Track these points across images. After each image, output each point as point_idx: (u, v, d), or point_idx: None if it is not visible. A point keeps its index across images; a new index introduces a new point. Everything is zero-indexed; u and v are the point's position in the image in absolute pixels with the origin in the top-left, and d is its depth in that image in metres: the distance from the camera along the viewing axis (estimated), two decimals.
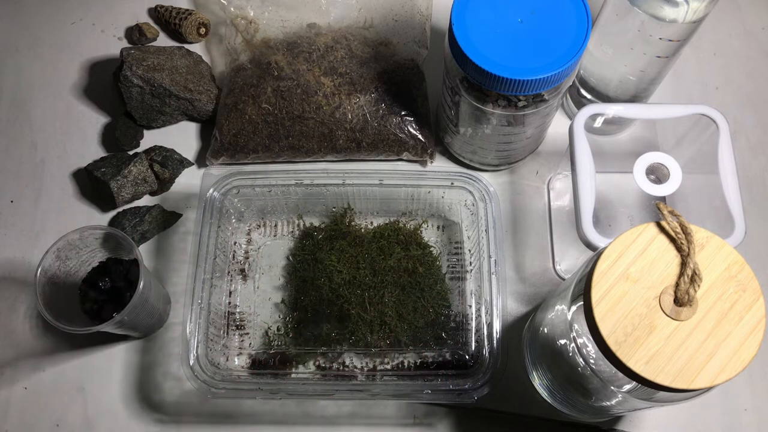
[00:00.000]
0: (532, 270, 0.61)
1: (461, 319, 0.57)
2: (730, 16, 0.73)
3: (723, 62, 0.71)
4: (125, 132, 0.65)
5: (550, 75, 0.48)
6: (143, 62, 0.64)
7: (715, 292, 0.36)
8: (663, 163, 0.50)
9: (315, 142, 0.62)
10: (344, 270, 0.56)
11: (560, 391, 0.52)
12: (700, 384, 0.35)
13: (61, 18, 0.74)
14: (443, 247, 0.60)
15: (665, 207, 0.39)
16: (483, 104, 0.53)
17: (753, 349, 0.35)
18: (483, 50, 0.49)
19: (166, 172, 0.63)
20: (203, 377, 0.51)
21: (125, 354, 0.58)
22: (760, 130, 0.67)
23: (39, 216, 0.63)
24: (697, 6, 0.49)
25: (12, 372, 0.57)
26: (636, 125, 0.63)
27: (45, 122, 0.68)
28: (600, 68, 0.59)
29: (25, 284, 0.61)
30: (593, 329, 0.37)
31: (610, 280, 0.37)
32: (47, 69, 0.71)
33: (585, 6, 0.51)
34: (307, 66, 0.63)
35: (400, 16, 0.65)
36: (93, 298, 0.54)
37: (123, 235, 0.52)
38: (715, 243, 0.37)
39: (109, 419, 0.56)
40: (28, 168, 0.66)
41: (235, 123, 0.62)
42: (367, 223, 0.61)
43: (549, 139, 0.65)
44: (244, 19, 0.65)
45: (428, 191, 0.59)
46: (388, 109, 0.62)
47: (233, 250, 0.60)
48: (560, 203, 0.62)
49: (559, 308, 0.45)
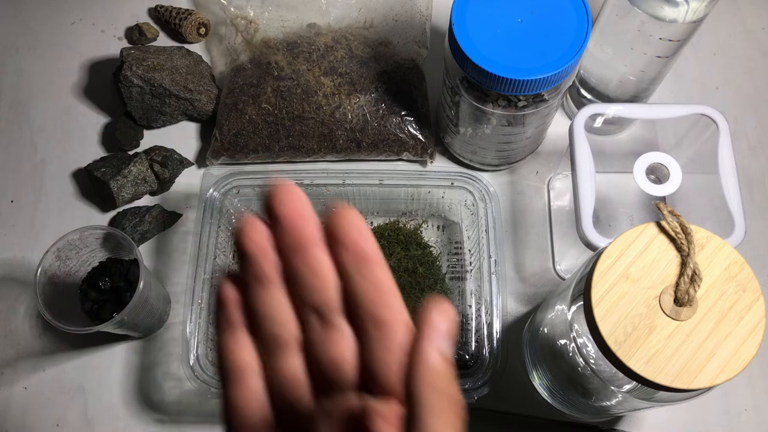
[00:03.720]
0: (532, 270, 0.61)
1: (461, 319, 0.57)
2: (730, 16, 0.73)
3: (723, 62, 0.71)
4: (125, 132, 0.65)
5: (550, 75, 0.48)
6: (143, 62, 0.64)
7: (715, 292, 0.36)
8: (663, 163, 0.50)
9: (315, 142, 0.62)
10: None
11: (560, 391, 0.52)
12: (700, 384, 0.35)
13: (61, 18, 0.74)
14: (443, 247, 0.60)
15: (665, 207, 0.39)
16: (483, 104, 0.53)
17: (753, 349, 0.35)
18: (483, 50, 0.49)
19: (166, 172, 0.63)
20: (203, 377, 0.51)
21: (125, 354, 0.58)
22: (760, 130, 0.67)
23: (39, 216, 0.63)
24: (697, 6, 0.49)
25: (12, 372, 0.57)
26: (636, 125, 0.63)
27: (45, 122, 0.68)
28: (600, 68, 0.59)
29: (25, 284, 0.61)
30: (593, 329, 0.37)
31: (610, 280, 0.37)
32: (47, 69, 0.71)
33: (585, 6, 0.51)
34: (307, 66, 0.63)
35: (400, 16, 0.65)
36: (93, 298, 0.54)
37: (123, 235, 0.52)
38: (715, 243, 0.38)
39: (109, 419, 0.56)
40: (28, 168, 0.66)
41: (235, 123, 0.62)
42: (367, 223, 0.61)
43: (549, 139, 0.65)
44: (244, 19, 0.65)
45: (428, 191, 0.59)
46: (388, 109, 0.62)
47: (233, 250, 0.60)
48: (560, 203, 0.62)
49: (559, 308, 0.45)
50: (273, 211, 0.24)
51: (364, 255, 0.23)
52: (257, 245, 0.24)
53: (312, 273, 0.23)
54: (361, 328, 0.24)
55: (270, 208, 0.24)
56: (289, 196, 0.23)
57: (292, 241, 0.23)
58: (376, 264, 0.24)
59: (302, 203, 0.24)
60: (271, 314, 0.24)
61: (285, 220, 0.23)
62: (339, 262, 0.24)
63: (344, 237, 0.23)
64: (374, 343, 0.23)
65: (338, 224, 0.23)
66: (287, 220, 0.23)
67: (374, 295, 0.23)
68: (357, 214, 0.24)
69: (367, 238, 0.24)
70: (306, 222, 0.23)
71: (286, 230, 0.23)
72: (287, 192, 0.23)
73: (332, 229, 0.24)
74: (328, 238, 0.24)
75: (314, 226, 0.24)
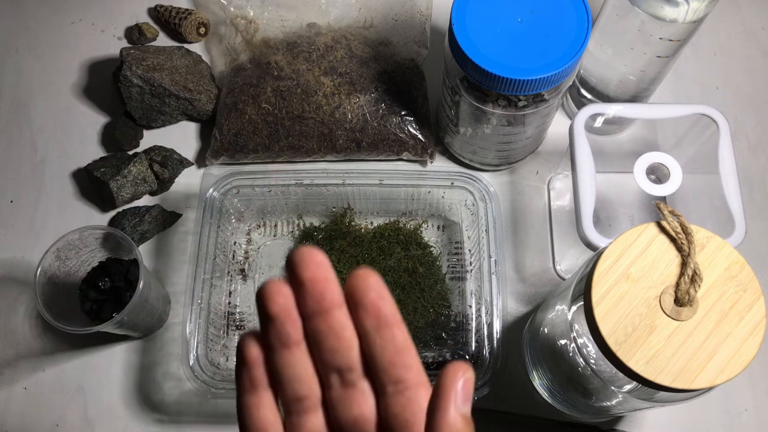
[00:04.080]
0: (532, 270, 0.61)
1: (461, 319, 0.57)
2: (730, 16, 0.73)
3: (723, 62, 0.71)
4: (125, 132, 0.65)
5: (550, 75, 0.48)
6: (143, 62, 0.63)
7: (716, 292, 0.36)
8: (663, 163, 0.50)
9: (315, 142, 0.62)
10: (344, 270, 0.56)
11: (560, 391, 0.52)
12: (701, 384, 0.35)
13: (61, 18, 0.74)
14: (443, 247, 0.60)
15: (665, 207, 0.39)
16: (483, 104, 0.53)
17: (753, 349, 0.35)
18: (483, 50, 0.49)
19: (165, 172, 0.63)
20: (203, 377, 0.51)
21: (125, 354, 0.58)
22: (760, 130, 0.67)
23: (39, 216, 0.63)
24: (697, 6, 0.49)
25: (12, 372, 0.57)
26: (636, 125, 0.63)
27: (45, 122, 0.68)
28: (600, 68, 0.59)
29: (25, 284, 0.61)
30: (593, 329, 0.37)
31: (611, 280, 0.37)
32: (47, 69, 0.71)
33: (585, 6, 0.50)
34: (307, 66, 0.63)
35: (400, 16, 0.65)
36: (93, 298, 0.54)
37: (123, 235, 0.52)
38: (716, 243, 0.37)
39: (109, 419, 0.56)
40: (28, 168, 0.66)
41: (235, 123, 0.62)
42: (367, 223, 0.61)
43: (549, 139, 0.65)
44: (244, 19, 0.65)
45: (428, 191, 0.59)
46: (388, 109, 0.62)
47: (233, 250, 0.60)
48: (560, 203, 0.62)
49: (559, 308, 0.45)
50: (296, 274, 0.24)
51: (384, 317, 0.25)
52: (282, 308, 0.24)
53: (335, 336, 0.24)
54: (381, 388, 0.25)
55: (293, 272, 0.24)
56: (312, 261, 0.24)
57: (316, 304, 0.24)
58: (395, 326, 0.25)
59: (325, 267, 0.24)
60: (295, 375, 0.25)
61: (308, 284, 0.24)
62: (359, 324, 0.25)
63: (364, 299, 0.24)
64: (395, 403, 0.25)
65: (358, 287, 0.25)
66: (310, 283, 0.24)
67: (394, 357, 0.24)
68: (376, 276, 0.25)
69: (386, 300, 0.25)
70: (328, 286, 0.24)
71: (309, 294, 0.24)
72: (310, 256, 0.24)
73: (352, 292, 0.25)
74: (348, 299, 0.25)
75: (336, 289, 0.25)
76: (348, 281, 0.25)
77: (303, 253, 0.24)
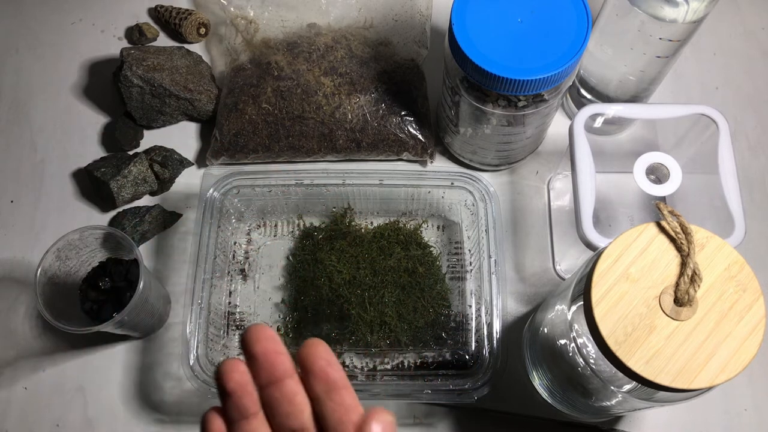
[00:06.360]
0: (532, 270, 0.61)
1: (461, 319, 0.57)
2: (730, 16, 0.73)
3: (723, 62, 0.71)
4: (125, 132, 0.65)
5: (550, 75, 0.48)
6: (143, 62, 0.64)
7: (715, 292, 0.36)
8: (663, 163, 0.50)
9: (315, 142, 0.62)
10: (344, 270, 0.56)
11: (560, 391, 0.52)
12: (700, 384, 0.35)
13: (61, 18, 0.74)
14: (443, 247, 0.60)
15: (665, 207, 0.39)
16: (483, 104, 0.53)
17: (753, 349, 0.35)
18: (483, 50, 0.49)
19: (166, 172, 0.63)
20: (203, 377, 0.51)
21: (125, 354, 0.58)
22: (760, 130, 0.67)
23: (39, 216, 0.63)
24: (697, 6, 0.49)
25: (12, 372, 0.57)
26: (636, 125, 0.63)
27: (45, 122, 0.68)
28: (600, 68, 0.59)
29: (25, 284, 0.61)
30: (593, 329, 0.37)
31: (610, 280, 0.37)
32: (47, 69, 0.71)
33: (585, 6, 0.51)
34: (307, 66, 0.63)
35: (400, 16, 0.65)
36: (93, 298, 0.54)
37: (123, 235, 0.52)
38: (715, 243, 0.38)
39: (109, 419, 0.56)
40: (28, 168, 0.66)
41: (235, 123, 0.62)
42: (367, 223, 0.61)
43: (549, 139, 0.65)
44: (244, 19, 0.66)
45: (428, 191, 0.59)
46: (388, 109, 0.62)
47: (233, 250, 0.60)
48: (560, 203, 0.62)
49: (559, 308, 0.45)
50: (249, 349, 0.27)
51: (333, 382, 0.27)
52: (237, 384, 0.27)
53: (287, 402, 0.27)
54: None
55: (246, 348, 0.27)
56: (262, 336, 0.27)
57: (268, 375, 0.27)
58: (343, 388, 0.27)
59: (274, 341, 0.27)
60: None
61: (260, 357, 0.27)
62: (310, 389, 0.28)
63: (314, 366, 0.27)
64: None
65: (309, 355, 0.27)
66: (263, 356, 0.27)
67: (344, 416, 0.27)
68: (324, 345, 0.28)
69: (333, 366, 0.28)
70: (278, 357, 0.27)
71: (262, 366, 0.27)
72: (261, 332, 0.27)
73: (303, 360, 0.27)
74: (300, 366, 0.28)
75: (287, 360, 0.28)
76: (299, 351, 0.27)
77: (254, 331, 0.27)
